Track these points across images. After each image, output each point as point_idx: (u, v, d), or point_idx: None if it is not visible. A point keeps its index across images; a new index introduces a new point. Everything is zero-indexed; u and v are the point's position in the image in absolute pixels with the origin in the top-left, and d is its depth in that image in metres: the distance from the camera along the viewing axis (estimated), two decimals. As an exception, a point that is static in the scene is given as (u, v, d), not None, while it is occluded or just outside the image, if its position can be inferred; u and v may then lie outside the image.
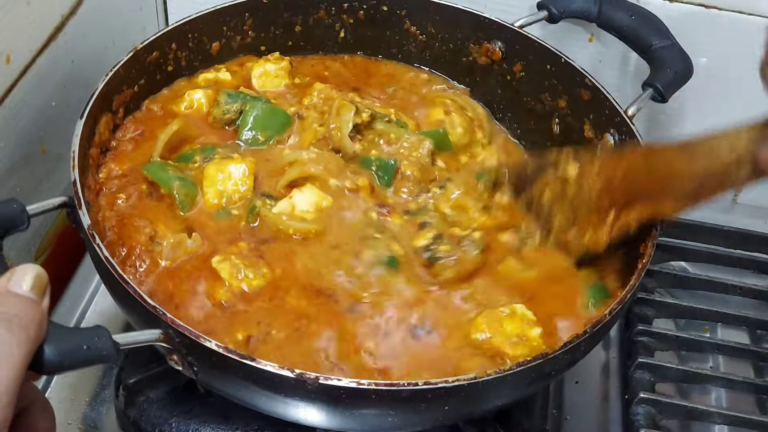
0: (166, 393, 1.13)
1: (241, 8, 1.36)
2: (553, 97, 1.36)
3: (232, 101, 1.26)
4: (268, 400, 0.95)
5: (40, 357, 0.75)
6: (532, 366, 0.92)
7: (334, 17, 1.43)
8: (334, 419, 0.96)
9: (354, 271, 1.10)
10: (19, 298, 0.72)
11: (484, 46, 1.41)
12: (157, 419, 1.11)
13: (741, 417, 1.23)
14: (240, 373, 0.90)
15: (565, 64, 1.32)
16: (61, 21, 1.30)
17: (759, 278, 1.45)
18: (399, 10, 1.43)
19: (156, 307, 0.91)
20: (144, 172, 1.15)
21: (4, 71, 1.17)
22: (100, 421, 1.16)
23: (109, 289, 1.01)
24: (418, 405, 0.91)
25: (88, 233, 0.98)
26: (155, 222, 1.11)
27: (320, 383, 0.87)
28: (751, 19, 1.40)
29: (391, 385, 0.88)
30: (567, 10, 1.38)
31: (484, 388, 0.91)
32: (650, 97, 1.27)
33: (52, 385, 1.20)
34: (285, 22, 1.41)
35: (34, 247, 1.32)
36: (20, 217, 0.96)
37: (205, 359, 0.91)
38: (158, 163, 1.16)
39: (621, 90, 1.44)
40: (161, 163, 1.16)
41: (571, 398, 1.26)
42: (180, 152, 1.21)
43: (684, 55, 1.31)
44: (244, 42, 1.39)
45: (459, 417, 1.05)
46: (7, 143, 1.21)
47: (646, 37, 1.33)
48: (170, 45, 1.28)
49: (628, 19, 1.35)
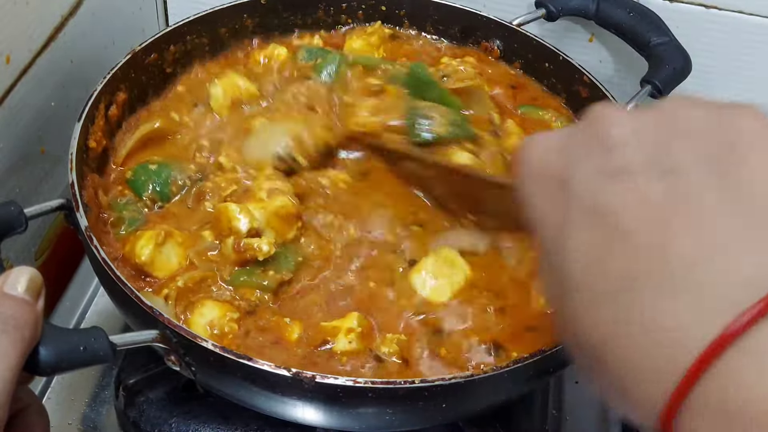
0: (165, 393, 1.13)
1: (240, 9, 1.36)
2: (553, 95, 1.36)
3: (309, 56, 1.31)
4: (266, 400, 0.95)
5: (36, 358, 0.76)
6: (531, 362, 0.92)
7: (332, 17, 1.43)
8: (333, 418, 0.96)
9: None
10: (14, 299, 0.73)
11: (483, 45, 1.41)
12: (156, 420, 1.11)
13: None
14: (237, 372, 0.90)
15: (563, 61, 1.33)
16: (60, 21, 1.30)
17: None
18: (397, 9, 1.43)
19: (152, 308, 0.91)
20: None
21: (3, 71, 1.17)
22: (99, 421, 1.16)
23: (106, 289, 1.02)
24: (415, 403, 0.91)
25: (85, 235, 0.98)
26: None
27: (316, 382, 0.87)
28: (751, 19, 1.40)
29: (388, 383, 0.88)
30: (565, 8, 1.38)
31: (482, 385, 0.91)
32: (648, 93, 1.27)
33: (51, 385, 1.20)
34: (283, 23, 1.41)
35: (33, 248, 1.32)
36: (18, 220, 0.96)
37: (203, 359, 0.91)
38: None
39: (619, 87, 1.45)
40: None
41: (571, 398, 1.26)
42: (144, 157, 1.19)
43: (682, 52, 1.31)
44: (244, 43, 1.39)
45: (459, 415, 1.04)
46: (6, 144, 1.21)
47: (644, 33, 1.33)
48: (168, 47, 1.28)
49: (626, 16, 1.35)
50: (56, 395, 1.19)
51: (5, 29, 1.16)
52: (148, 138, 1.20)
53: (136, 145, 1.19)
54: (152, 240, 1.06)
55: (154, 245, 1.06)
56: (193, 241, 1.08)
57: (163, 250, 1.07)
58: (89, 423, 1.16)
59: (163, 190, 1.14)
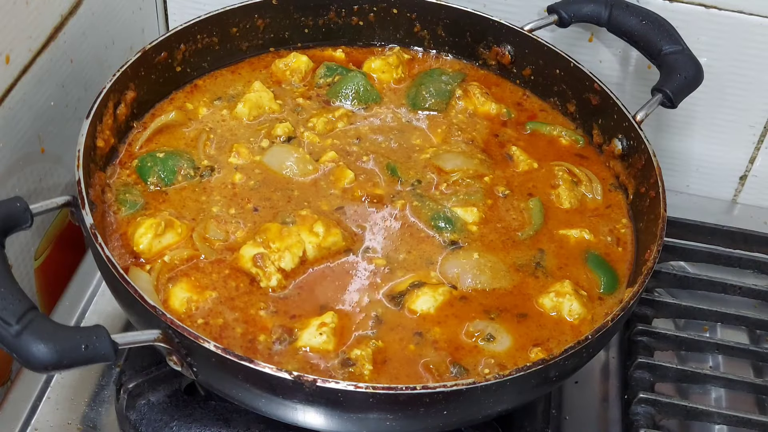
0: (167, 396, 1.12)
1: (251, 9, 1.36)
2: (562, 102, 1.36)
3: (328, 73, 1.36)
4: (267, 402, 0.95)
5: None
6: (533, 371, 0.92)
7: (344, 18, 1.43)
8: (333, 422, 0.95)
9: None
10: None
11: (494, 50, 1.40)
12: (157, 422, 1.10)
13: (740, 417, 1.22)
14: (239, 374, 0.90)
15: (574, 68, 1.32)
16: (60, 21, 1.30)
17: (759, 278, 1.44)
18: (409, 12, 1.42)
19: (156, 307, 0.91)
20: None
21: (3, 71, 1.17)
22: (99, 421, 1.16)
23: (110, 287, 1.02)
24: (416, 409, 0.90)
25: (90, 232, 0.98)
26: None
27: (318, 385, 0.87)
28: (751, 19, 1.40)
29: (389, 389, 0.88)
30: (577, 15, 1.37)
31: (484, 393, 0.91)
32: (659, 102, 1.26)
33: (51, 385, 1.19)
34: (294, 24, 1.41)
35: (33, 247, 1.32)
36: (23, 216, 0.96)
37: (204, 360, 0.91)
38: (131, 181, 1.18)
39: (625, 91, 1.44)
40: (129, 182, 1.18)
41: (571, 398, 1.26)
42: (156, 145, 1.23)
43: (694, 60, 1.30)
44: (254, 44, 1.39)
45: (460, 422, 1.03)
46: (6, 143, 1.21)
47: (656, 42, 1.32)
48: (179, 45, 1.28)
49: (639, 24, 1.34)
50: (56, 395, 1.19)
51: (5, 29, 1.16)
52: (158, 130, 1.24)
53: (149, 136, 1.23)
54: (152, 229, 1.08)
55: (154, 235, 1.08)
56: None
57: (163, 241, 1.09)
58: (89, 423, 1.16)
59: (168, 176, 1.17)
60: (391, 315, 1.06)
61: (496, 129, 1.34)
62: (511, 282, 1.12)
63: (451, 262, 1.13)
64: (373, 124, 1.32)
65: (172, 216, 1.12)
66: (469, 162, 1.26)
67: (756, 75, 1.45)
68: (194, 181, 1.18)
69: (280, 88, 1.35)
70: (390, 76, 1.39)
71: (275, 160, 1.22)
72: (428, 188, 1.22)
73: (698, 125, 1.54)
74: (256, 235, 1.10)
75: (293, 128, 1.27)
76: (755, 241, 1.47)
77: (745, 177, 1.59)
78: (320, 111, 1.31)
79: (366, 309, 1.06)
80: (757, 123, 1.51)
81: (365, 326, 1.04)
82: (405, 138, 1.30)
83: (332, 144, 1.27)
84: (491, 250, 1.15)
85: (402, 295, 1.08)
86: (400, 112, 1.34)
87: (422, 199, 1.20)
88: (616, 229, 1.21)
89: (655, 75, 1.30)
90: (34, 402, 1.17)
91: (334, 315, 1.03)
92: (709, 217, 1.50)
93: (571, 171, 1.27)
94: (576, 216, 1.22)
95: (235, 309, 1.04)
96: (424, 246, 1.15)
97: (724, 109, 1.50)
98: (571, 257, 1.16)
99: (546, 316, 1.09)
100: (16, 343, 0.81)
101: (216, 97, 1.32)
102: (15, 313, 0.82)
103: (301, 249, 1.09)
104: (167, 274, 1.06)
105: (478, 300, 1.09)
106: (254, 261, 1.07)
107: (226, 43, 1.35)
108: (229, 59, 1.37)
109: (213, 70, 1.36)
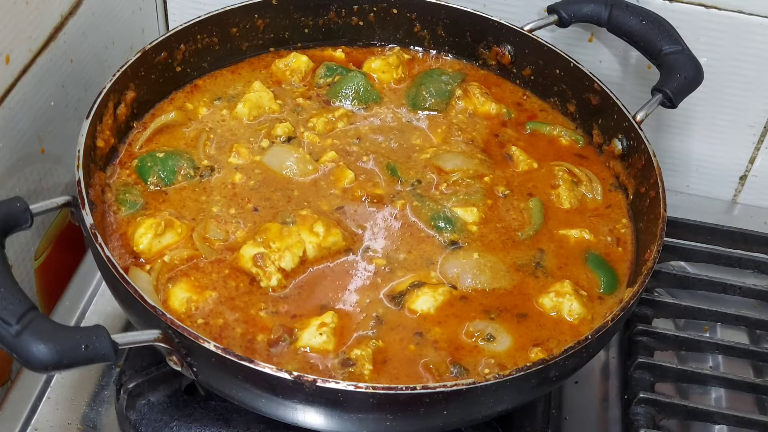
0: (167, 396, 1.12)
1: (251, 9, 1.36)
2: (562, 102, 1.36)
3: (328, 73, 1.37)
4: (267, 402, 0.95)
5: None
6: (533, 371, 0.92)
7: (344, 18, 1.43)
8: (333, 422, 0.95)
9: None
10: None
11: (494, 50, 1.40)
12: (157, 423, 1.10)
13: (740, 417, 1.22)
14: (239, 374, 0.90)
15: (574, 68, 1.32)
16: (60, 21, 1.30)
17: (759, 278, 1.44)
18: (409, 12, 1.42)
19: (156, 307, 0.91)
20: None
21: (3, 71, 1.17)
22: (99, 421, 1.16)
23: (110, 287, 1.02)
24: (416, 409, 0.90)
25: (90, 232, 0.98)
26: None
27: (318, 385, 0.87)
28: (751, 19, 1.40)
29: (389, 389, 0.88)
30: (577, 15, 1.37)
31: (484, 393, 0.91)
32: (659, 102, 1.26)
33: (51, 385, 1.19)
34: (294, 24, 1.41)
35: (33, 247, 1.32)
36: (24, 216, 0.96)
37: (204, 360, 0.91)
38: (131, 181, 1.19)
39: (625, 91, 1.44)
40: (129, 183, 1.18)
41: (571, 398, 1.26)
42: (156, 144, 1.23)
43: (694, 61, 1.30)
44: (254, 44, 1.39)
45: (460, 423, 1.03)
46: (6, 143, 1.21)
47: (656, 42, 1.32)
48: (179, 45, 1.28)
49: (639, 24, 1.34)
50: (56, 395, 1.19)
51: (5, 29, 1.16)
52: (158, 130, 1.24)
53: (149, 136, 1.23)
54: (152, 229, 1.08)
55: (154, 235, 1.08)
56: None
57: (163, 241, 1.09)
58: (89, 423, 1.16)
59: (168, 176, 1.17)
60: (392, 315, 1.06)
61: (496, 129, 1.34)
62: (511, 282, 1.12)
63: (451, 262, 1.13)
64: (373, 124, 1.32)
65: (172, 216, 1.12)
66: (469, 162, 1.26)
67: (756, 75, 1.45)
68: (194, 181, 1.19)
69: (280, 88, 1.35)
70: (390, 76, 1.39)
71: (275, 160, 1.22)
72: (428, 188, 1.22)
73: (698, 125, 1.54)
74: (256, 235, 1.10)
75: (293, 128, 1.27)
76: (755, 241, 1.47)
77: (745, 177, 1.59)
78: (320, 111, 1.31)
79: (366, 309, 1.06)
80: (757, 123, 1.51)
81: (365, 326, 1.04)
82: (405, 138, 1.30)
83: (332, 144, 1.27)
84: (491, 250, 1.15)
85: (402, 295, 1.08)
86: (400, 112, 1.34)
87: (422, 199, 1.20)
88: (616, 229, 1.21)
89: (655, 75, 1.30)
90: (34, 402, 1.17)
91: (334, 315, 1.03)
92: (709, 217, 1.50)
93: (571, 171, 1.27)
94: (576, 216, 1.22)
95: (235, 309, 1.04)
96: (424, 246, 1.15)
97: (724, 109, 1.50)
98: (571, 257, 1.17)
99: (546, 316, 1.09)
100: (16, 343, 0.81)
101: (216, 97, 1.32)
102: (15, 313, 0.82)
103: (301, 249, 1.09)
104: (167, 274, 1.07)
105: (478, 300, 1.09)
106: (254, 261, 1.07)
107: (226, 43, 1.35)
108: (229, 59, 1.37)
109: (213, 70, 1.36)
